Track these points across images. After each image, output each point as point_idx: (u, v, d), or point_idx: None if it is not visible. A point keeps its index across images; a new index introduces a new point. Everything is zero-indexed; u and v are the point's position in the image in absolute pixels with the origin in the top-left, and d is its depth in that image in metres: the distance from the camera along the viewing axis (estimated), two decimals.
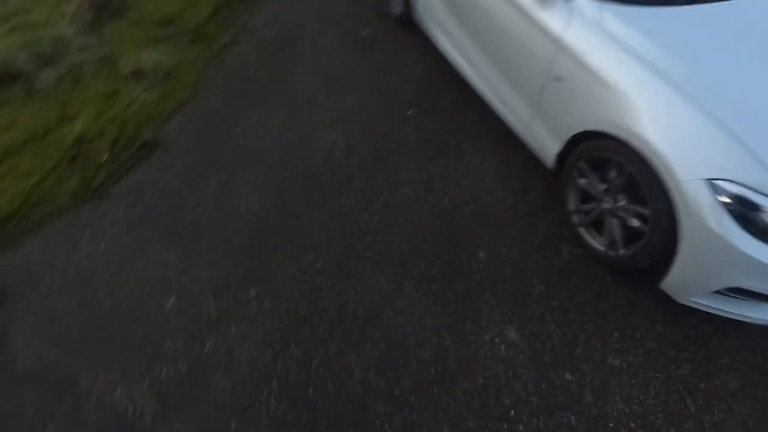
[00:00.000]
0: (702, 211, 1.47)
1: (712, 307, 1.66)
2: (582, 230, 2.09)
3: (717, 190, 1.44)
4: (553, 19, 1.93)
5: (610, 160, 1.83)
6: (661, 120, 1.56)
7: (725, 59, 1.61)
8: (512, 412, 1.62)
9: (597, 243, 2.02)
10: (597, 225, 2.02)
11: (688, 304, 1.72)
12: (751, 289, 1.52)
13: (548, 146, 2.16)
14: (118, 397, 1.72)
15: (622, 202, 1.83)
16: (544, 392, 1.67)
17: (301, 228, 2.23)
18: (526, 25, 2.07)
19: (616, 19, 1.77)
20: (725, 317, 1.69)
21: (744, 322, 1.67)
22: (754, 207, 1.39)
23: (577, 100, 1.87)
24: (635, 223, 1.78)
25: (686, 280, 1.65)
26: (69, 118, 2.84)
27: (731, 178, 1.41)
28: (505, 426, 1.60)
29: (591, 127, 1.82)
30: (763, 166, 1.38)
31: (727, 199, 1.43)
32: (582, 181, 2.02)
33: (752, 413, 1.62)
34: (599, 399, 1.65)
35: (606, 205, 1.91)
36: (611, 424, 1.59)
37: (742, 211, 1.41)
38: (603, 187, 1.91)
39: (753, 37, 1.69)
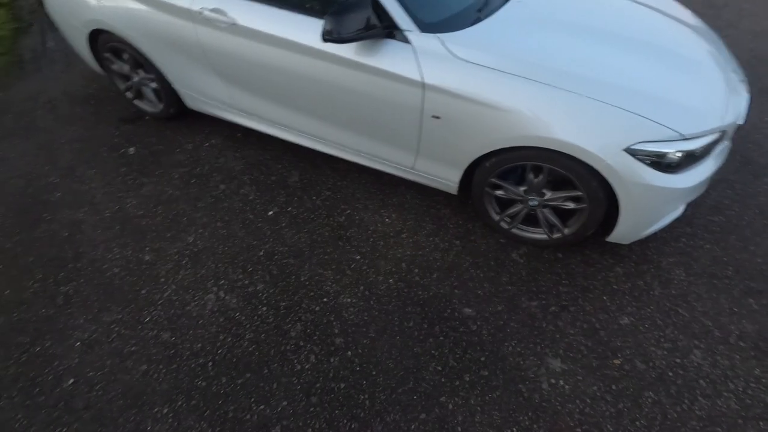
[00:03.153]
0: (631, 173, 1.68)
1: (648, 233, 1.96)
2: (516, 231, 2.17)
3: (634, 154, 1.65)
4: (399, 66, 1.82)
5: (518, 166, 1.90)
6: (561, 119, 1.68)
7: (561, 48, 1.82)
8: (637, 422, 1.62)
9: (537, 234, 2.13)
10: (525, 220, 2.13)
11: (634, 240, 2.00)
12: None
13: (445, 177, 2.12)
14: None
15: (549, 194, 1.95)
16: (622, 392, 1.71)
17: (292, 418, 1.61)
18: (367, 78, 1.90)
19: (462, 46, 1.78)
20: None
21: None
22: (661, 154, 1.66)
23: (468, 129, 1.84)
24: (570, 205, 1.93)
25: (632, 228, 1.89)
26: None
27: (638, 140, 1.64)
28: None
29: (495, 147, 1.84)
30: (649, 121, 1.64)
31: (642, 156, 1.66)
32: (499, 193, 2.06)
33: (713, 285, 2.04)
34: (650, 360, 1.79)
35: (533, 202, 2.01)
36: (677, 373, 1.76)
37: (654, 159, 1.67)
38: (523, 189, 1.99)
39: (557, 20, 1.96)
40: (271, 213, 2.37)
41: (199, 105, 2.68)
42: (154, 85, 2.73)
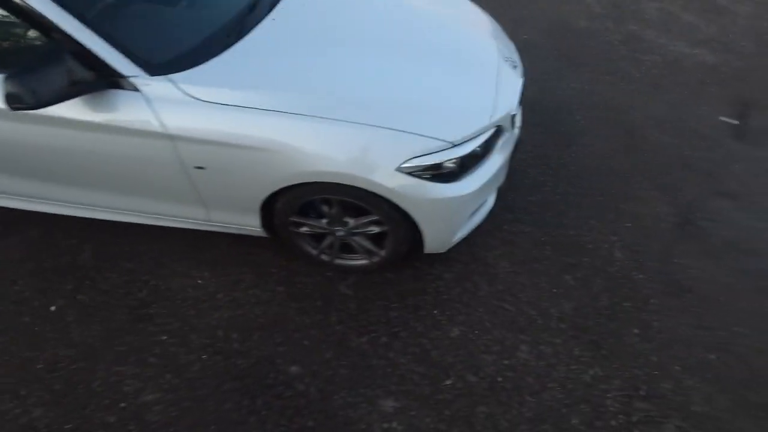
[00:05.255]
0: (413, 191, 1.58)
1: (464, 234, 1.90)
2: (339, 261, 2.01)
3: (408, 172, 1.55)
4: (133, 118, 1.53)
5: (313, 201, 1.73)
6: (325, 149, 1.52)
7: (315, 69, 1.65)
8: None
9: (358, 261, 2.00)
10: (344, 247, 1.98)
11: (450, 246, 1.93)
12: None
13: (245, 223, 1.89)
14: None
15: (351, 222, 1.81)
16: (456, 415, 1.63)
17: None
18: (104, 138, 1.58)
19: (200, 86, 1.53)
20: None
21: None
22: (436, 165, 1.57)
23: (237, 175, 1.62)
24: (375, 230, 1.80)
25: (440, 239, 1.82)
26: None
27: (407, 157, 1.53)
28: None
29: (274, 188, 1.64)
30: (413, 135, 1.54)
31: (419, 172, 1.56)
32: (304, 230, 1.88)
33: (534, 270, 2.06)
34: (480, 370, 1.74)
35: (340, 233, 1.86)
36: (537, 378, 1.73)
37: (433, 172, 1.58)
38: (325, 221, 1.83)
39: (315, 35, 1.78)
40: (53, 308, 1.95)
41: None
42: None
